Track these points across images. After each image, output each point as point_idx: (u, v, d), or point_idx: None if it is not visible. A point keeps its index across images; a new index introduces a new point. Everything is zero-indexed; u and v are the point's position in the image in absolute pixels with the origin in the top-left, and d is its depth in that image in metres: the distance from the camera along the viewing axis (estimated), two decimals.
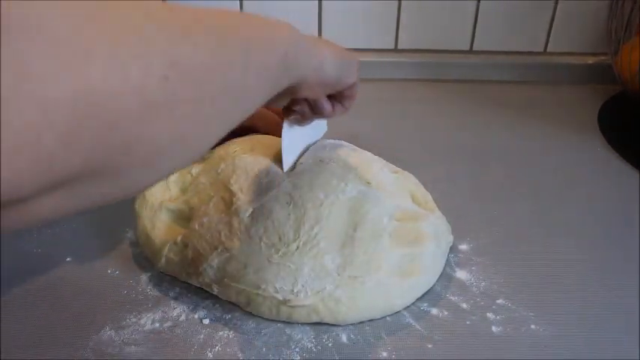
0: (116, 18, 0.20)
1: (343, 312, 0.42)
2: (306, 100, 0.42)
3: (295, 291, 0.42)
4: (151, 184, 0.26)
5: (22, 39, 0.17)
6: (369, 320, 0.43)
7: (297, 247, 0.43)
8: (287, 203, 0.45)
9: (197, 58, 0.23)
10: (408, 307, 0.44)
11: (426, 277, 0.45)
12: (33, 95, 0.17)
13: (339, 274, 0.42)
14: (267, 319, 0.43)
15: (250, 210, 0.45)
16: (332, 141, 0.52)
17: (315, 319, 0.42)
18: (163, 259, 0.46)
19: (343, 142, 0.54)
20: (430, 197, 0.51)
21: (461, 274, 0.47)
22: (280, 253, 0.43)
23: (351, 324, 0.42)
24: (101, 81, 0.19)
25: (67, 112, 0.18)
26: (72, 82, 0.18)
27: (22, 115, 0.17)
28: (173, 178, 0.50)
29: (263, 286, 0.42)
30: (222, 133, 0.27)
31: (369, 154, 0.53)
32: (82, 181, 0.20)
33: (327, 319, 0.42)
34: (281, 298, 0.42)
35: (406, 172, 0.53)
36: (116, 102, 0.19)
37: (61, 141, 0.18)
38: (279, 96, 0.34)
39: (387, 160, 0.54)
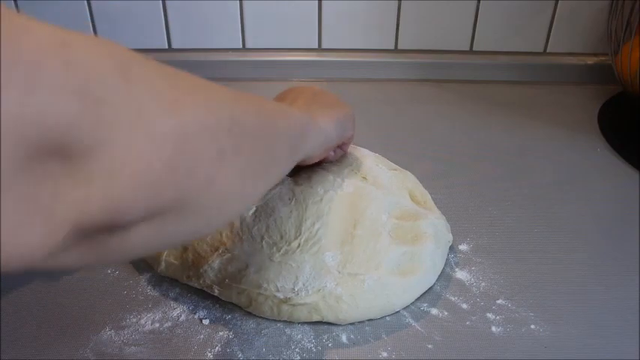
0: (189, 84, 0.25)
1: (344, 310, 0.42)
2: None
3: (296, 289, 0.42)
4: (213, 230, 0.33)
5: (138, 86, 0.21)
6: (369, 320, 0.43)
7: (299, 245, 0.43)
8: (289, 199, 0.45)
9: (248, 120, 0.27)
10: (408, 307, 0.44)
11: (425, 276, 0.45)
12: (147, 129, 0.21)
13: (339, 272, 0.42)
14: (268, 319, 0.43)
15: (254, 208, 0.45)
16: None
17: (316, 317, 0.42)
18: (163, 264, 0.46)
19: None
20: (429, 196, 0.51)
21: (461, 275, 0.47)
22: (282, 251, 0.43)
23: (352, 323, 0.43)
24: (190, 123, 0.23)
25: (170, 145, 0.22)
26: (172, 121, 0.22)
27: (138, 145, 0.20)
28: None
29: (264, 285, 0.42)
30: (259, 195, 0.32)
31: (366, 150, 0.53)
32: (171, 214, 0.23)
33: (328, 318, 0.42)
34: (282, 297, 0.42)
35: (405, 171, 0.53)
36: (200, 141, 0.23)
37: (165, 169, 0.22)
38: None
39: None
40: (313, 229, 0.44)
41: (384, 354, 0.40)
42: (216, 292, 0.44)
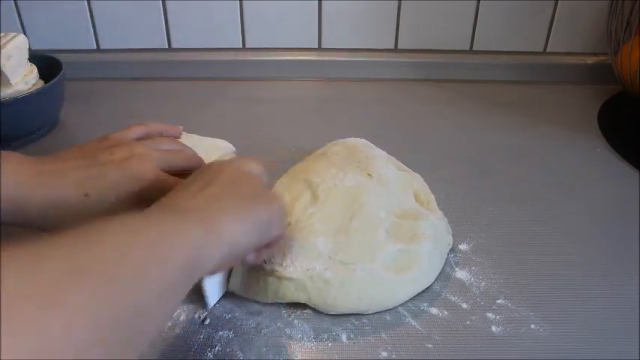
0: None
1: (332, 295, 0.42)
2: None
3: (284, 265, 0.43)
4: None
5: None
6: (367, 318, 0.43)
7: (289, 223, 0.44)
8: (285, 188, 0.47)
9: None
10: (408, 306, 0.44)
11: (421, 276, 0.45)
12: None
13: (330, 258, 0.43)
14: (268, 318, 0.43)
15: None
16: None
17: (303, 298, 0.42)
18: None
19: (360, 140, 0.55)
20: (433, 198, 0.51)
21: (461, 274, 0.47)
22: None
23: (351, 323, 0.42)
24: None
25: None
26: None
27: None
28: None
29: None
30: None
31: (381, 151, 0.54)
32: None
33: (315, 301, 0.42)
34: (269, 269, 0.43)
35: (414, 173, 0.54)
36: None
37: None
38: None
39: None
40: (306, 212, 0.44)
41: (384, 354, 0.40)
42: None
